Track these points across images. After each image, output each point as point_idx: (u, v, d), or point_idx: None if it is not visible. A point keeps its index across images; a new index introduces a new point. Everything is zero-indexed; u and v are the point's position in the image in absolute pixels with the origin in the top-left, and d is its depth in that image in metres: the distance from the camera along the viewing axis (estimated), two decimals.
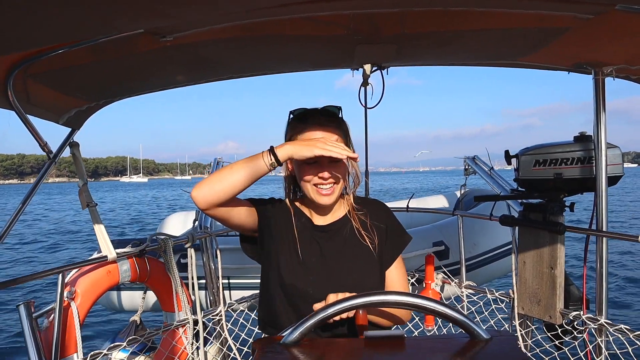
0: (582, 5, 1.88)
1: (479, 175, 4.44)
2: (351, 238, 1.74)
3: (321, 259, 1.70)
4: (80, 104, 2.67)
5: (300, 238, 1.73)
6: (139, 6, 1.35)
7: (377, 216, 1.80)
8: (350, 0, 1.78)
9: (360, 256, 1.71)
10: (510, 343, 1.14)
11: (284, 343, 1.17)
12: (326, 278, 1.66)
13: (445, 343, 1.22)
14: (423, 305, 1.18)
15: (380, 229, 1.77)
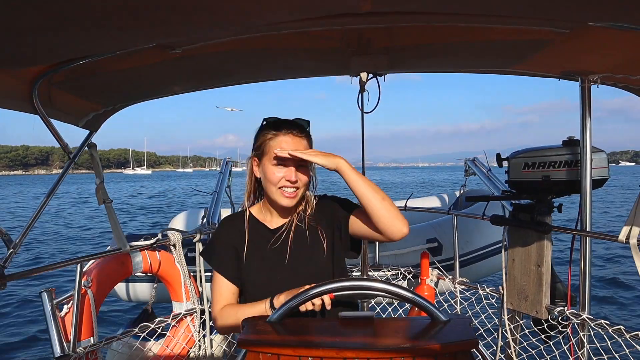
0: (556, 21, 2.04)
1: (478, 176, 4.59)
2: (303, 235, 1.91)
3: (281, 258, 1.89)
4: (98, 108, 2.88)
5: (258, 246, 1.92)
6: (153, 25, 1.55)
7: (324, 211, 1.96)
8: (340, 18, 1.95)
9: (314, 249, 1.89)
10: (464, 324, 1.32)
11: (269, 321, 1.37)
12: (289, 274, 1.85)
13: (408, 324, 1.41)
14: (390, 290, 1.36)
15: (328, 221, 1.94)
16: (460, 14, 1.95)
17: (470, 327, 1.31)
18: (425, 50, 2.48)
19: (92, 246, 16.49)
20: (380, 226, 1.76)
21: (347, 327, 1.36)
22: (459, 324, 1.32)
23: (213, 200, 4.43)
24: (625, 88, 2.97)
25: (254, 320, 1.40)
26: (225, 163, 5.19)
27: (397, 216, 1.76)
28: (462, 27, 2.12)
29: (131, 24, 1.50)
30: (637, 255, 2.64)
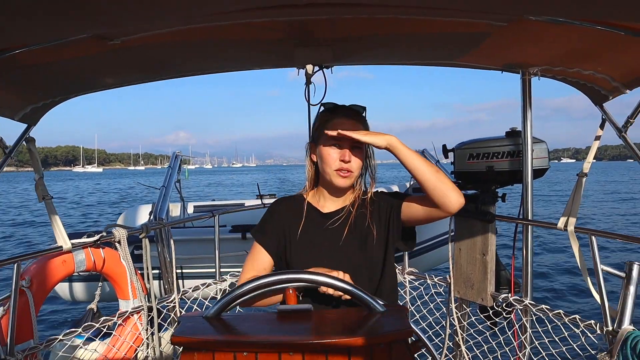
0: (494, 14, 2.08)
1: None
2: (356, 223, 1.95)
3: (332, 243, 1.92)
4: (35, 100, 2.76)
5: (309, 229, 1.95)
6: (88, 14, 1.49)
7: (377, 203, 2.00)
8: (283, 9, 1.93)
9: (367, 238, 1.92)
10: (399, 314, 1.34)
11: (205, 316, 1.34)
12: (337, 260, 1.86)
13: (346, 315, 1.41)
14: (327, 282, 1.36)
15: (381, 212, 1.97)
16: (401, 6, 1.96)
17: (406, 317, 1.32)
18: (368, 42, 2.49)
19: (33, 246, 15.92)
20: (437, 199, 1.78)
21: (285, 321, 1.36)
22: (395, 314, 1.34)
23: (161, 195, 4.33)
24: (563, 80, 3.07)
25: (189, 317, 1.37)
26: (174, 157, 5.09)
27: (453, 187, 1.80)
28: (404, 19, 2.14)
29: (64, 12, 1.44)
30: (575, 242, 2.75)
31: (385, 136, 1.83)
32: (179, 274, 4.65)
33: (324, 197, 2.01)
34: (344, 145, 1.87)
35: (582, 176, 2.80)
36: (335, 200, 2.00)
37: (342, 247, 1.90)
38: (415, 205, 1.90)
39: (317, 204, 2.02)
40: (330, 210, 1.99)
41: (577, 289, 9.13)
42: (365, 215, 1.96)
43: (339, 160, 1.87)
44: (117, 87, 2.90)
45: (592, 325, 2.61)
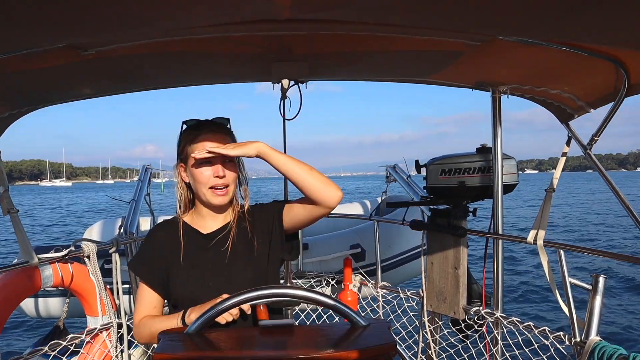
0: (467, 34, 2.14)
1: (399, 182, 4.72)
2: (238, 239, 1.90)
3: (215, 264, 1.86)
4: (2, 111, 2.69)
5: (191, 252, 1.88)
6: (62, 24, 1.46)
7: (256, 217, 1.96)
8: (261, 24, 1.95)
9: (250, 254, 1.88)
10: (382, 328, 1.34)
11: (187, 333, 1.32)
12: (223, 280, 1.82)
13: (329, 330, 1.41)
14: (310, 297, 1.36)
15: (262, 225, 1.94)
16: (377, 24, 2.00)
17: (389, 331, 1.33)
18: (344, 59, 2.53)
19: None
20: (315, 196, 1.78)
21: (268, 336, 1.35)
22: (378, 329, 1.34)
23: (131, 209, 4.25)
24: (531, 99, 3.17)
25: (170, 333, 1.35)
26: (144, 170, 5.01)
27: (328, 182, 1.79)
28: (380, 36, 2.18)
29: (37, 21, 1.41)
30: (544, 256, 2.82)
31: (253, 144, 1.80)
32: None
33: (203, 217, 1.95)
34: (215, 161, 1.83)
35: (550, 191, 2.88)
36: (215, 218, 1.94)
37: (227, 266, 1.86)
38: (296, 208, 1.89)
39: (196, 225, 1.96)
40: (211, 229, 1.93)
41: (547, 301, 9.33)
42: (247, 229, 1.92)
43: (213, 177, 1.83)
44: (89, 98, 2.85)
45: (561, 336, 2.67)
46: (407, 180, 4.63)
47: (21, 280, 2.86)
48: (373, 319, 1.40)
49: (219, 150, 1.76)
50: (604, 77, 2.36)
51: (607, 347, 2.37)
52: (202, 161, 1.81)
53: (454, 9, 1.66)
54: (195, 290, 1.80)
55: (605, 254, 2.80)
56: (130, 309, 3.67)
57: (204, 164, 1.82)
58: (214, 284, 1.80)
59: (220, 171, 1.81)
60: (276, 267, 1.95)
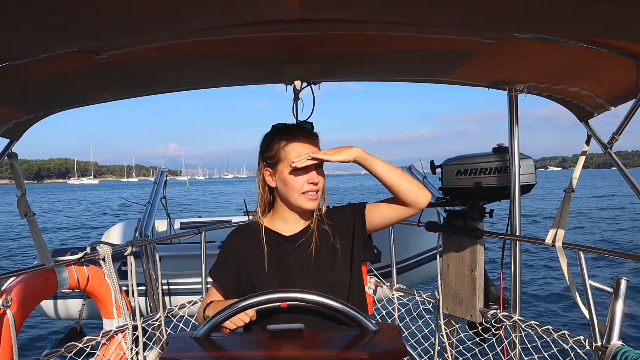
0: (482, 31, 2.10)
1: None
2: (321, 242, 1.92)
3: (301, 266, 1.88)
4: (18, 115, 2.71)
5: (275, 255, 1.90)
6: (75, 29, 1.46)
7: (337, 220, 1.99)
8: (272, 25, 1.93)
9: (332, 257, 1.90)
10: (393, 333, 1.31)
11: (194, 337, 1.31)
12: (309, 283, 1.81)
13: (339, 334, 1.39)
14: (319, 301, 1.33)
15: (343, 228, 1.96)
16: (389, 23, 1.97)
17: (400, 336, 1.30)
18: (357, 59, 2.50)
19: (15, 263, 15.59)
20: (408, 198, 1.84)
21: (276, 341, 1.33)
22: (388, 334, 1.32)
23: (146, 212, 4.28)
24: (549, 97, 3.11)
25: (178, 338, 1.34)
26: (160, 173, 5.04)
27: (420, 186, 1.89)
28: (393, 36, 2.15)
29: (51, 26, 1.42)
30: (563, 258, 2.75)
31: (351, 150, 1.84)
32: (165, 291, 4.58)
33: (285, 220, 1.97)
34: (310, 168, 1.86)
35: (570, 191, 2.82)
36: (297, 221, 1.97)
37: (313, 269, 1.87)
38: (382, 210, 1.94)
39: (276, 228, 1.98)
40: (293, 232, 1.96)
41: (566, 304, 9.16)
42: (328, 232, 1.94)
43: (307, 184, 1.85)
44: (103, 103, 2.87)
45: (581, 340, 2.60)
46: (422, 181, 4.59)
47: (38, 283, 2.89)
48: (383, 324, 1.37)
49: (321, 157, 1.81)
50: (624, 73, 2.29)
51: (630, 352, 2.30)
52: (296, 168, 1.83)
53: (468, 7, 1.63)
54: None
55: (626, 256, 2.72)
56: (146, 311, 3.69)
57: (300, 170, 1.84)
58: (301, 286, 1.78)
59: (315, 178, 1.85)
60: (360, 268, 1.98)
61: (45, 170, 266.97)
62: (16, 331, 2.67)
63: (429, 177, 4.83)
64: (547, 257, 13.42)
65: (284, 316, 1.65)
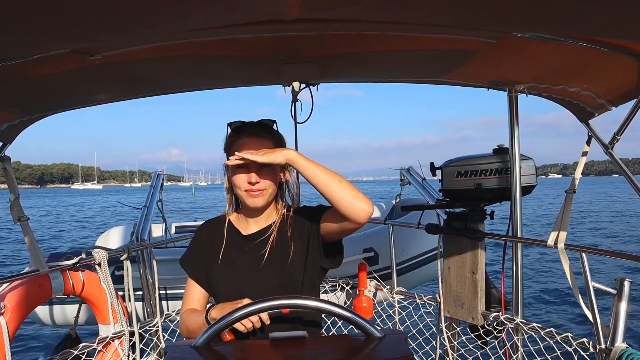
0: (482, 31, 2.07)
1: (413, 185, 4.64)
2: (277, 243, 1.87)
3: (252, 266, 1.85)
4: (11, 118, 2.67)
5: (230, 252, 1.90)
6: (65, 29, 1.42)
7: (298, 222, 1.92)
8: (269, 25, 1.89)
9: (285, 259, 1.85)
10: (399, 339, 1.27)
11: (194, 345, 1.26)
12: (257, 283, 1.81)
13: (343, 342, 1.35)
14: (323, 308, 1.29)
15: (302, 231, 1.89)
16: (389, 23, 1.94)
17: (406, 343, 1.26)
18: (355, 59, 2.46)
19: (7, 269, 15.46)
20: (343, 210, 1.68)
21: (279, 349, 1.29)
22: (394, 340, 1.28)
23: (142, 215, 4.23)
24: (549, 97, 3.08)
25: (177, 347, 1.29)
26: (156, 176, 4.99)
27: (357, 196, 1.69)
28: (392, 35, 2.12)
29: (43, 26, 1.38)
30: (565, 259, 2.72)
31: (282, 152, 1.76)
32: (163, 295, 4.52)
33: (246, 218, 1.96)
34: (250, 167, 1.82)
35: (571, 192, 2.79)
36: (257, 220, 1.94)
37: (261, 270, 1.84)
38: (329, 221, 1.82)
39: (239, 226, 1.97)
40: (252, 231, 1.94)
41: (568, 306, 9.10)
42: (287, 234, 1.89)
43: (246, 182, 1.82)
44: (97, 104, 2.82)
45: (585, 343, 2.57)
46: (422, 183, 4.56)
47: (32, 289, 2.83)
48: (389, 330, 1.33)
49: (247, 157, 1.74)
50: (625, 73, 2.27)
51: (635, 354, 2.27)
52: (239, 166, 1.81)
53: (468, 6, 1.60)
54: (231, 291, 1.81)
55: (629, 257, 2.69)
56: (143, 316, 3.64)
57: (240, 168, 1.82)
58: (248, 287, 1.80)
59: (252, 178, 1.80)
60: (315, 275, 1.90)
61: (48, 175, 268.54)
62: (10, 338, 2.62)
63: (428, 179, 4.80)
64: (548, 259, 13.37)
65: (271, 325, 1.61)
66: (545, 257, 13.60)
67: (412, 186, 4.90)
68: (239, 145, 1.84)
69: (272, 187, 1.87)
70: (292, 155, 1.75)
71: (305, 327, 1.81)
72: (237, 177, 1.83)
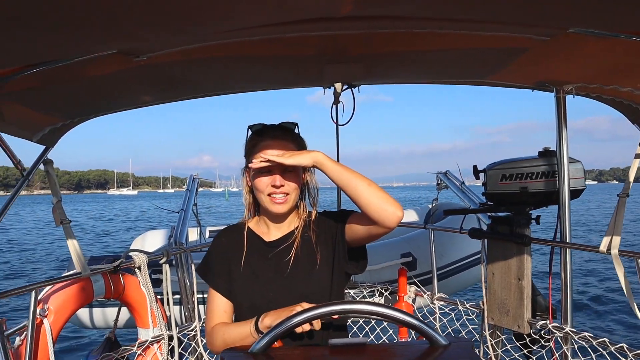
0: (536, 28, 1.99)
1: (451, 189, 4.54)
2: (301, 250, 1.80)
3: (276, 273, 1.78)
4: (54, 121, 2.68)
5: (252, 259, 1.82)
6: (112, 29, 1.40)
7: (322, 227, 1.86)
8: (316, 23, 1.85)
9: (312, 266, 1.78)
10: (467, 349, 1.20)
11: (251, 352, 1.22)
12: (283, 291, 1.74)
13: (405, 349, 1.28)
14: (385, 313, 1.23)
15: (327, 236, 1.83)
16: (440, 19, 1.88)
17: (474, 351, 1.19)
18: (402, 59, 2.40)
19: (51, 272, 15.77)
20: (372, 214, 1.62)
21: (339, 356, 1.23)
22: (461, 349, 1.21)
23: (180, 219, 4.23)
24: (598, 98, 2.97)
25: (234, 353, 1.25)
26: (191, 180, 5.00)
27: (387, 199, 1.62)
28: (441, 33, 2.05)
29: (89, 27, 1.36)
30: (619, 266, 2.60)
31: (310, 154, 1.69)
32: (200, 299, 4.51)
33: (266, 224, 1.88)
34: (274, 170, 1.75)
35: (624, 196, 2.67)
36: (279, 227, 1.87)
37: (287, 277, 1.77)
38: (355, 226, 1.75)
39: (260, 232, 1.89)
40: (274, 238, 1.86)
41: (623, 315, 8.68)
42: (311, 240, 1.82)
43: (270, 186, 1.75)
44: (139, 107, 2.82)
45: None
46: (460, 186, 4.46)
47: (74, 292, 2.84)
48: (454, 338, 1.27)
49: (273, 158, 1.68)
50: None
51: None
52: (261, 169, 1.74)
53: (526, 1, 1.53)
54: (255, 300, 1.75)
55: None
56: (181, 320, 3.62)
57: (263, 172, 1.75)
58: (274, 295, 1.72)
59: (277, 181, 1.74)
60: (342, 281, 1.83)
61: (85, 181, 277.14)
62: (53, 341, 2.63)
63: (472, 186, 4.69)
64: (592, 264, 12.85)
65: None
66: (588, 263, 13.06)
67: (449, 190, 4.80)
68: (261, 148, 1.77)
69: (295, 192, 1.80)
70: (320, 157, 1.68)
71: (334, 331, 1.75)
72: (259, 180, 1.76)
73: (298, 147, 1.82)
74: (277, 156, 1.68)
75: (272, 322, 1.55)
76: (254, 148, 1.79)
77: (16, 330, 2.49)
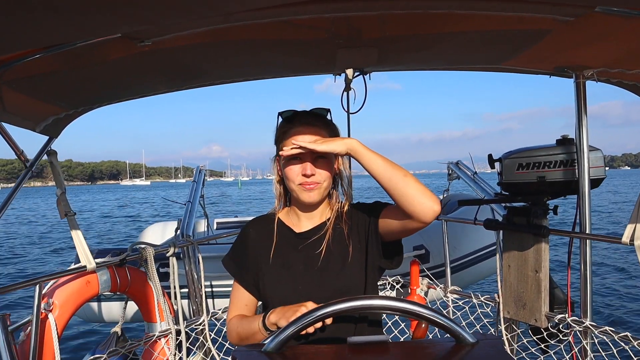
0: (562, 7, 1.88)
1: (463, 179, 4.44)
2: (333, 242, 1.72)
3: (307, 266, 1.71)
4: (57, 111, 2.61)
5: (282, 251, 1.75)
6: (116, 10, 1.32)
7: (355, 219, 1.77)
8: (329, 3, 1.76)
9: (344, 259, 1.70)
10: (496, 346, 1.12)
11: (265, 351, 1.14)
12: (315, 285, 1.67)
13: (430, 347, 1.20)
14: (407, 309, 1.15)
15: (360, 229, 1.74)
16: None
17: (504, 349, 1.10)
18: (416, 43, 2.30)
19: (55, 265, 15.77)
20: (407, 207, 1.52)
21: (359, 355, 1.15)
22: (490, 347, 1.12)
23: (187, 211, 4.16)
24: (618, 84, 2.87)
25: (246, 352, 1.17)
26: (198, 171, 4.92)
27: (424, 192, 1.52)
28: (459, 14, 1.95)
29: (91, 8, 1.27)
30: None
31: (344, 140, 1.60)
32: (208, 293, 4.45)
33: (297, 215, 1.80)
34: (305, 158, 1.66)
35: None
36: (310, 217, 1.78)
37: (319, 270, 1.69)
38: (389, 219, 1.66)
39: (290, 223, 1.81)
40: (305, 229, 1.78)
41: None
42: (344, 232, 1.73)
43: (301, 175, 1.66)
44: (145, 96, 2.74)
45: None
46: (472, 177, 4.35)
47: (79, 286, 2.77)
48: (481, 335, 1.18)
49: (305, 145, 1.59)
50: None
51: None
52: (292, 157, 1.66)
53: None
54: (286, 293, 1.67)
55: None
56: (189, 314, 3.56)
57: (294, 159, 1.67)
58: (304, 288, 1.65)
59: (308, 169, 1.65)
60: (375, 275, 1.74)
61: (98, 172, 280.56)
62: (58, 336, 2.57)
63: (482, 173, 4.58)
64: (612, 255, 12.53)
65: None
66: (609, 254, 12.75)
67: (461, 181, 4.70)
68: (291, 135, 1.69)
69: (327, 180, 1.71)
70: (355, 144, 1.58)
71: (369, 327, 1.67)
72: (290, 169, 1.68)
73: (330, 134, 1.73)
74: (309, 143, 1.60)
75: (277, 319, 1.50)
76: (284, 135, 1.71)
77: (20, 325, 2.43)
